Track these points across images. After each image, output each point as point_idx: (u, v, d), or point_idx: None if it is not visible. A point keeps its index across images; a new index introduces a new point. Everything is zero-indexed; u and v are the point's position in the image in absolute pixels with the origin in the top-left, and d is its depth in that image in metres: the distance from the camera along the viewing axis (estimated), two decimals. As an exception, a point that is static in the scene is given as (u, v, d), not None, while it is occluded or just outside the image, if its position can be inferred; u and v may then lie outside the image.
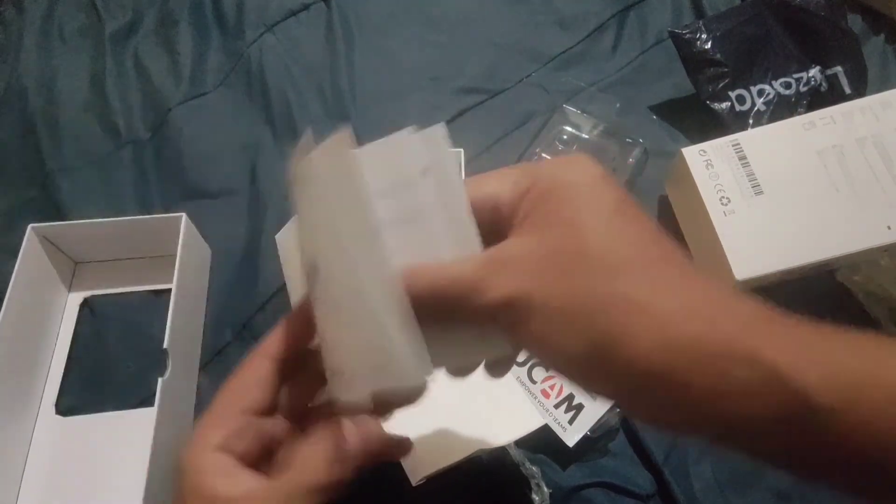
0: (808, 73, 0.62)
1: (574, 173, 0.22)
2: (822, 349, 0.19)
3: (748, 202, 0.49)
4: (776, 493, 0.46)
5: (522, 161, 0.60)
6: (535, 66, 0.69)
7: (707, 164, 0.51)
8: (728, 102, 0.61)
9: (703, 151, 0.51)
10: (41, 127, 0.66)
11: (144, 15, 0.74)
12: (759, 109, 0.61)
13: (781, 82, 0.62)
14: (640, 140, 0.60)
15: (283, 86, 0.68)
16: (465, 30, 0.73)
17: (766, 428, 0.19)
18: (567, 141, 0.61)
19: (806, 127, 0.51)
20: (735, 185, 0.50)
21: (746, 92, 0.61)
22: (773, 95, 0.61)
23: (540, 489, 0.45)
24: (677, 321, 0.19)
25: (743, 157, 0.51)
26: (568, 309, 0.20)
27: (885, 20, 0.70)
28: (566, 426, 0.45)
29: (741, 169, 0.50)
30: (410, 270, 0.22)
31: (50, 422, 0.50)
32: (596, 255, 0.20)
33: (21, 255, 0.49)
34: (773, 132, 0.52)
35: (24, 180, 0.64)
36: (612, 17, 0.72)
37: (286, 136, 0.65)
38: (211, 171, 0.63)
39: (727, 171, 0.50)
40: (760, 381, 0.18)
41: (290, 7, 0.73)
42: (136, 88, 0.69)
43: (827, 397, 0.18)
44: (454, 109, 0.66)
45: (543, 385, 0.46)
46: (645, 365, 0.19)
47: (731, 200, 0.49)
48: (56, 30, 0.74)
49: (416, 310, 0.22)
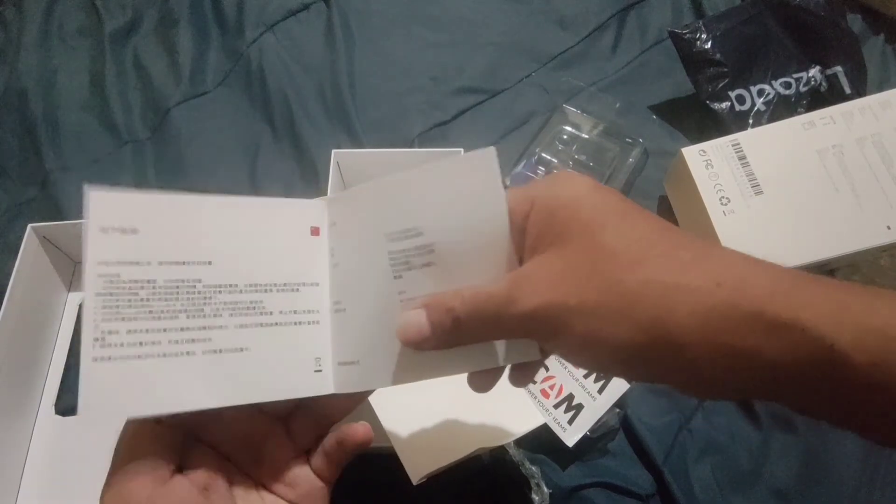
0: (807, 73, 0.62)
1: (569, 188, 0.24)
2: (852, 307, 0.19)
3: (748, 202, 0.49)
4: (775, 493, 0.46)
5: (523, 160, 0.60)
6: (535, 66, 0.69)
7: (707, 163, 0.51)
8: (728, 102, 0.61)
9: (702, 151, 0.51)
10: (41, 126, 0.66)
11: (144, 14, 0.74)
12: (758, 109, 0.61)
13: (781, 82, 0.62)
14: (639, 140, 0.60)
15: (283, 85, 0.68)
16: (465, 30, 0.73)
17: (806, 384, 0.20)
18: (567, 141, 0.61)
19: (806, 127, 0.51)
20: (735, 185, 0.50)
21: (746, 92, 0.62)
22: (773, 95, 0.61)
23: (539, 489, 0.45)
24: (711, 291, 0.20)
25: (743, 156, 0.51)
26: (606, 304, 0.21)
27: (884, 20, 0.70)
28: (566, 426, 0.45)
29: (741, 169, 0.50)
30: (457, 293, 0.24)
31: (49, 422, 0.50)
32: (617, 253, 0.22)
33: (21, 255, 0.49)
34: (773, 132, 0.52)
35: (24, 180, 0.64)
36: (612, 16, 0.72)
37: (286, 136, 0.65)
38: (210, 170, 0.64)
39: (727, 171, 0.50)
40: (794, 341, 0.19)
41: (290, 7, 0.73)
42: (135, 88, 0.69)
43: (861, 354, 0.19)
44: (454, 109, 0.66)
45: (543, 385, 0.46)
46: (691, 337, 0.20)
47: (731, 200, 0.49)
48: (56, 29, 0.74)
49: (460, 327, 0.24)
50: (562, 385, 0.47)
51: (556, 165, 0.60)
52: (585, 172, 0.58)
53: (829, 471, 0.46)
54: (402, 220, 0.27)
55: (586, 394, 0.46)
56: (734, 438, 0.48)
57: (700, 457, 0.47)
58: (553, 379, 0.47)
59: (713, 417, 0.49)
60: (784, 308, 0.19)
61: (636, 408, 0.48)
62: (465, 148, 0.57)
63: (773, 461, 0.46)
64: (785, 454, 0.46)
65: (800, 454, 0.47)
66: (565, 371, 0.47)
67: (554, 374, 0.47)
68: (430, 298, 0.25)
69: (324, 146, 0.59)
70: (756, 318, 0.20)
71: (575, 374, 0.46)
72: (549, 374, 0.47)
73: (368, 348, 0.28)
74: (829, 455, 0.46)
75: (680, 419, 0.48)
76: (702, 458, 0.47)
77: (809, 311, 0.19)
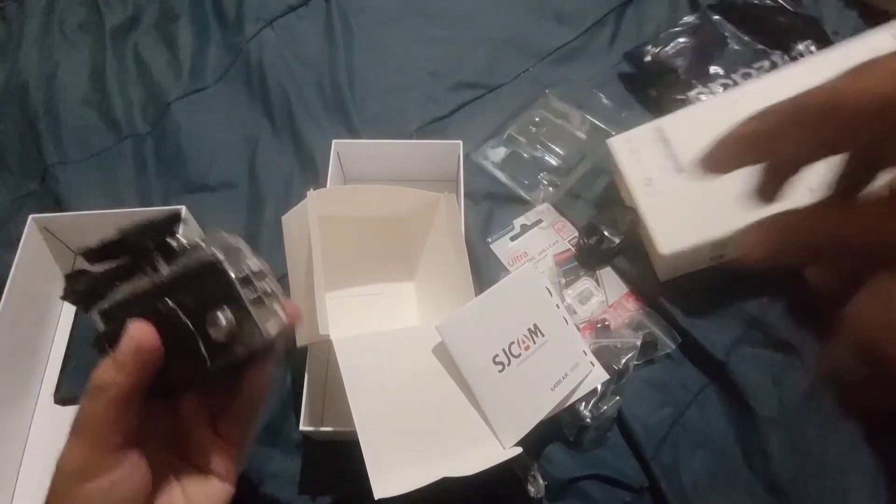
0: (769, 60, 0.64)
1: None
2: None
3: (671, 181, 0.51)
4: (769, 487, 0.46)
5: (493, 138, 0.61)
6: (534, 61, 0.70)
7: (632, 149, 0.54)
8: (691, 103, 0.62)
9: (628, 139, 0.54)
10: (42, 121, 0.66)
11: (144, 10, 0.75)
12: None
13: (741, 73, 0.63)
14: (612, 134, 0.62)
15: (283, 80, 0.68)
16: (463, 25, 0.73)
17: None
18: (538, 123, 0.64)
19: (729, 105, 0.52)
20: (657, 167, 0.52)
21: (706, 89, 0.63)
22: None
23: (535, 480, 0.45)
24: None
25: (666, 139, 0.53)
26: None
27: (884, 18, 0.70)
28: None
29: (664, 150, 0.52)
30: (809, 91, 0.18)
31: (48, 411, 0.51)
32: None
33: (21, 246, 0.50)
34: (695, 112, 0.54)
35: (25, 173, 0.64)
36: (610, 12, 0.73)
37: (285, 131, 0.65)
38: (210, 164, 0.64)
39: (650, 155, 0.53)
40: None
41: (289, 2, 0.74)
42: (136, 83, 0.70)
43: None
44: (452, 104, 0.67)
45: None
46: None
47: (653, 179, 0.52)
48: (57, 24, 0.74)
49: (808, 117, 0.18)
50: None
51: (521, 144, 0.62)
52: (549, 157, 0.61)
53: (824, 465, 0.46)
54: None
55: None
56: (727, 432, 0.48)
57: (693, 450, 0.47)
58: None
59: (707, 411, 0.49)
60: None
61: (630, 401, 0.48)
62: (464, 142, 0.57)
63: (767, 455, 0.46)
64: (780, 448, 0.47)
65: (794, 448, 0.47)
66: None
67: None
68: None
69: (323, 140, 0.59)
70: None
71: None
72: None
73: None
74: (824, 449, 0.46)
75: (674, 413, 0.48)
76: (695, 452, 0.47)
77: None
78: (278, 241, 0.51)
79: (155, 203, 0.61)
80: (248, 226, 0.60)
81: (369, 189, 0.53)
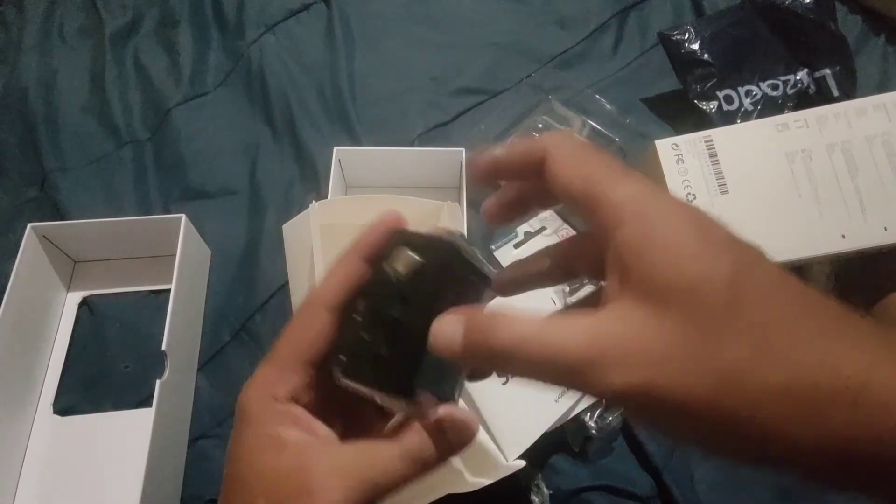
0: (795, 75, 0.63)
1: (660, 207, 0.19)
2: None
3: (713, 200, 0.49)
4: (779, 492, 0.45)
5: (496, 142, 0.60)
6: (536, 67, 0.69)
7: (678, 158, 0.51)
8: (716, 102, 0.62)
9: (675, 145, 0.51)
10: (41, 127, 0.66)
11: (145, 15, 0.74)
12: (746, 109, 0.62)
13: (769, 84, 0.62)
14: (615, 139, 0.61)
15: (283, 86, 0.68)
16: (465, 30, 0.73)
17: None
18: (541, 129, 0.63)
19: (780, 128, 0.51)
20: (702, 182, 0.50)
21: (734, 92, 0.62)
22: (761, 96, 0.62)
23: (540, 490, 0.45)
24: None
25: (714, 154, 0.50)
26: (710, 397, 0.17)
27: (885, 21, 0.70)
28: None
29: (710, 166, 0.50)
30: (509, 317, 0.19)
31: (47, 421, 0.50)
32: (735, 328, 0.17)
33: (20, 254, 0.49)
34: (747, 131, 0.52)
35: (24, 180, 0.63)
36: (613, 17, 0.72)
37: (286, 137, 0.65)
38: (210, 171, 0.63)
39: (696, 167, 0.50)
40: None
41: (290, 7, 0.73)
42: (135, 88, 0.69)
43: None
44: (454, 110, 0.66)
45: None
46: None
47: (697, 197, 0.50)
48: (56, 30, 0.74)
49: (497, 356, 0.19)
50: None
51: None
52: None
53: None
54: None
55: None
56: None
57: (704, 458, 0.47)
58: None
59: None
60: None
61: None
62: (466, 149, 0.56)
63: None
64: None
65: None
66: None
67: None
68: (471, 311, 0.20)
69: (324, 147, 0.59)
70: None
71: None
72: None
73: None
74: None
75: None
76: (706, 459, 0.47)
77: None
78: (279, 249, 0.50)
79: (155, 210, 0.61)
80: (249, 233, 0.59)
81: (371, 199, 0.53)
